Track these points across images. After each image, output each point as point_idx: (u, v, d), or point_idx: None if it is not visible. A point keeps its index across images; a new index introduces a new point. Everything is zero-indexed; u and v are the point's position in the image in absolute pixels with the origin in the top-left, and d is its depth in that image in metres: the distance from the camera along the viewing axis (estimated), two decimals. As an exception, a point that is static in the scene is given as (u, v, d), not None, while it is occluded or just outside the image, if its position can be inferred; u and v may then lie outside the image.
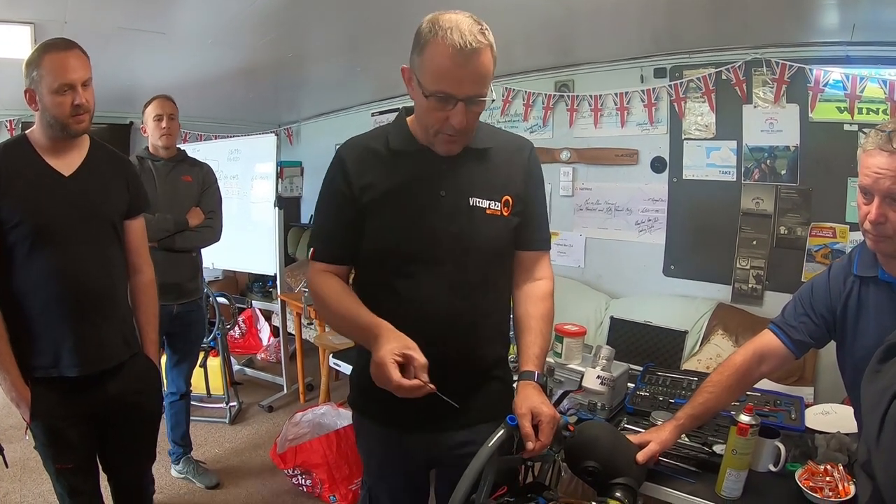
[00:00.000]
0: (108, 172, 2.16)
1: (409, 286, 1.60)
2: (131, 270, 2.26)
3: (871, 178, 1.45)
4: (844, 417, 2.16)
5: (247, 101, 6.13)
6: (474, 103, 1.47)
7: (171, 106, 3.22)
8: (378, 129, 1.73)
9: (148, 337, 2.29)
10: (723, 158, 3.90)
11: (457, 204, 1.60)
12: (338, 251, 1.69)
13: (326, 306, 1.66)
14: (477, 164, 1.64)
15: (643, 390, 2.43)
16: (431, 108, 1.47)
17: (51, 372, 2.01)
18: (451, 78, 1.41)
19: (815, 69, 3.46)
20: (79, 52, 1.96)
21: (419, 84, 1.47)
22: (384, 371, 1.38)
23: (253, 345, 6.10)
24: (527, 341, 1.66)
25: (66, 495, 2.15)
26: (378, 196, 1.60)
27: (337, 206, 1.65)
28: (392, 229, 1.61)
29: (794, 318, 1.79)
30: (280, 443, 3.59)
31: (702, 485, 1.82)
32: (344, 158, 1.65)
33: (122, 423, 2.20)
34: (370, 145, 1.66)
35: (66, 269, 1.99)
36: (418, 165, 1.61)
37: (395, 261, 1.61)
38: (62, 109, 1.93)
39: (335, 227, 1.68)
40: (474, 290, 1.64)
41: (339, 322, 1.70)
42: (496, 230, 1.65)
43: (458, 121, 1.46)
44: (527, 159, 1.72)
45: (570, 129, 4.50)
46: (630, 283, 4.37)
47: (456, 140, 1.55)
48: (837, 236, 3.51)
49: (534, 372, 1.59)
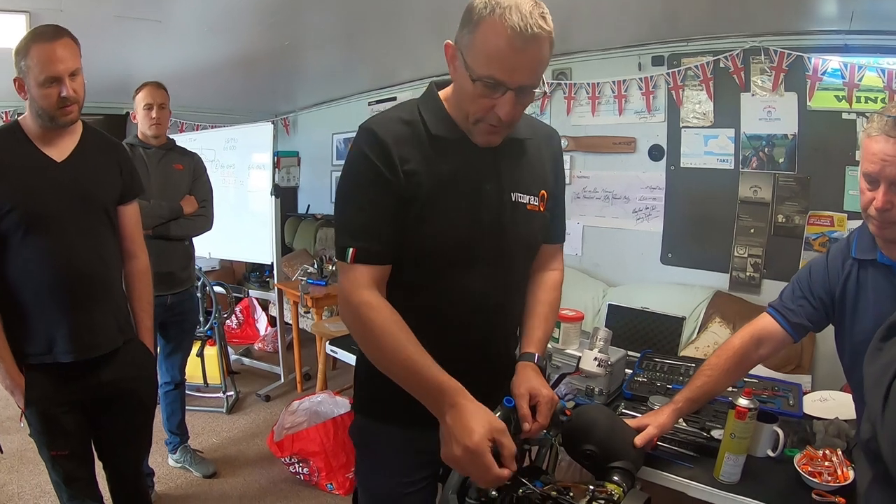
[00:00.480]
0: (100, 158, 2.14)
1: (450, 288, 1.47)
2: (126, 256, 2.25)
3: (876, 164, 1.42)
4: (842, 404, 2.16)
5: (243, 90, 6.11)
6: (524, 94, 1.33)
7: (162, 94, 3.17)
8: (407, 106, 1.51)
9: (143, 323, 2.29)
10: (721, 146, 3.89)
11: (501, 199, 1.48)
12: (384, 250, 1.43)
13: (380, 349, 1.39)
14: (517, 157, 1.53)
15: (641, 376, 2.43)
16: (477, 94, 1.32)
17: (45, 358, 2.01)
18: (505, 63, 1.26)
19: (813, 58, 3.46)
20: (67, 41, 1.93)
21: (466, 65, 1.31)
22: (481, 460, 1.20)
23: (250, 334, 6.09)
24: (531, 324, 1.61)
25: (61, 483, 2.14)
26: (422, 186, 1.41)
27: (378, 194, 1.40)
28: (437, 226, 1.43)
29: (793, 302, 1.78)
30: (277, 431, 3.59)
31: (700, 469, 1.82)
32: (381, 136, 1.40)
33: (116, 409, 2.20)
34: (408, 125, 1.44)
35: (60, 255, 1.98)
36: (461, 155, 1.45)
37: (437, 261, 1.46)
38: (49, 101, 1.92)
39: (378, 219, 1.41)
40: (515, 287, 1.60)
41: (396, 371, 1.38)
42: (536, 227, 1.58)
43: (506, 112, 1.33)
44: (556, 150, 1.65)
45: (568, 118, 4.48)
46: (627, 272, 4.37)
47: (498, 131, 1.41)
48: (835, 225, 3.51)
49: (534, 354, 1.53)
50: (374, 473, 1.63)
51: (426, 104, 1.49)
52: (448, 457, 1.25)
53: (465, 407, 1.25)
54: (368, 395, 1.62)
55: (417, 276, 1.47)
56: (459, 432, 1.22)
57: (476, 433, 1.20)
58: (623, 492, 1.29)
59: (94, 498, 2.22)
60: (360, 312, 1.39)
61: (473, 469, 1.22)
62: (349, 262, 1.41)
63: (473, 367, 1.40)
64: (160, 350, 3.27)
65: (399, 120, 1.45)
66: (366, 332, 1.40)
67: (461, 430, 1.22)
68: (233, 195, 5.11)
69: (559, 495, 1.19)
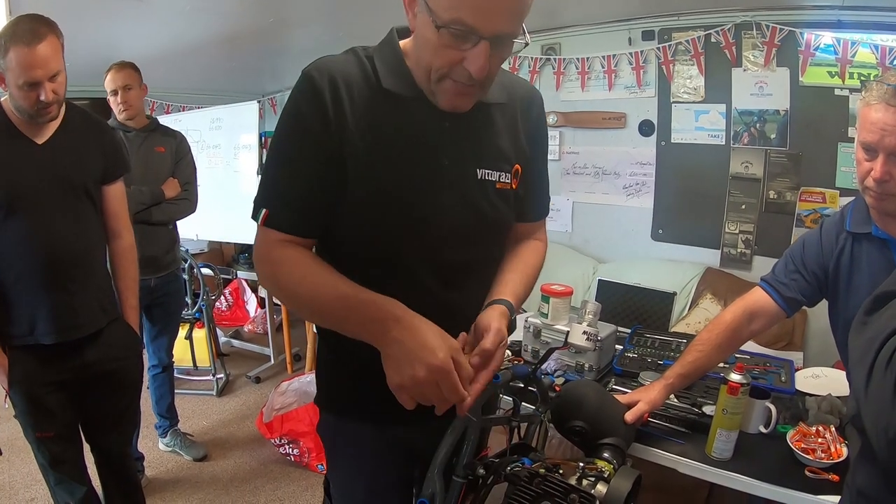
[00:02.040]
0: (83, 138, 2.12)
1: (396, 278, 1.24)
2: (110, 235, 2.24)
3: (875, 134, 1.40)
4: (835, 381, 2.16)
5: (229, 69, 6.02)
6: (502, 45, 1.10)
7: (126, 75, 3.05)
8: (359, 52, 1.26)
9: (127, 302, 2.29)
10: (712, 122, 3.86)
11: (463, 176, 1.27)
12: (305, 218, 1.23)
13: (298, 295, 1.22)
14: (485, 124, 1.30)
15: (631, 352, 2.42)
16: (443, 43, 1.08)
17: (27, 340, 2.02)
18: (478, 6, 1.03)
19: (806, 33, 3.43)
20: (49, 42, 1.87)
21: (428, 8, 1.07)
22: (449, 379, 1.05)
23: (240, 316, 6.06)
24: (508, 277, 1.38)
25: (48, 466, 2.15)
26: (362, 151, 1.18)
27: (304, 154, 1.19)
28: (379, 208, 1.22)
29: (786, 276, 1.76)
30: (266, 412, 3.57)
31: (691, 446, 1.81)
32: (318, 84, 1.17)
33: (102, 390, 2.21)
34: (355, 73, 1.21)
35: (39, 236, 1.97)
36: (416, 118, 1.22)
37: (379, 247, 1.25)
38: (28, 102, 1.90)
39: (303, 182, 1.20)
40: (477, 275, 1.37)
41: (322, 309, 1.20)
42: (506, 208, 1.36)
43: (478, 67, 1.08)
44: (537, 116, 1.42)
45: (557, 93, 4.43)
46: (618, 248, 4.35)
47: (468, 92, 1.17)
48: (827, 201, 3.50)
49: (508, 301, 1.30)
50: (350, 479, 1.47)
51: (382, 52, 1.25)
52: (406, 380, 1.06)
53: (413, 322, 1.08)
54: (335, 390, 1.43)
55: (358, 264, 1.24)
56: (420, 351, 1.05)
57: (440, 349, 1.05)
58: (613, 468, 1.27)
59: (81, 481, 2.23)
60: (270, 267, 1.23)
61: (437, 391, 1.05)
62: (260, 224, 1.22)
63: None
64: (146, 333, 3.25)
65: (345, 66, 1.21)
66: (281, 280, 1.23)
67: (421, 348, 1.05)
68: (220, 176, 5.05)
69: (548, 472, 1.17)
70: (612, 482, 1.16)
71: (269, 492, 3.27)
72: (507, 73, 1.36)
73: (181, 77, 5.79)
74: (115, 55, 3.22)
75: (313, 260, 1.22)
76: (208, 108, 5.48)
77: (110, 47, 4.54)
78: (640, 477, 1.19)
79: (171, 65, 4.93)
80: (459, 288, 1.32)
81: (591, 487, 1.16)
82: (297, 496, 3.23)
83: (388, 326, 1.08)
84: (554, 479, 1.15)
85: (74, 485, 2.20)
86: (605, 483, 1.17)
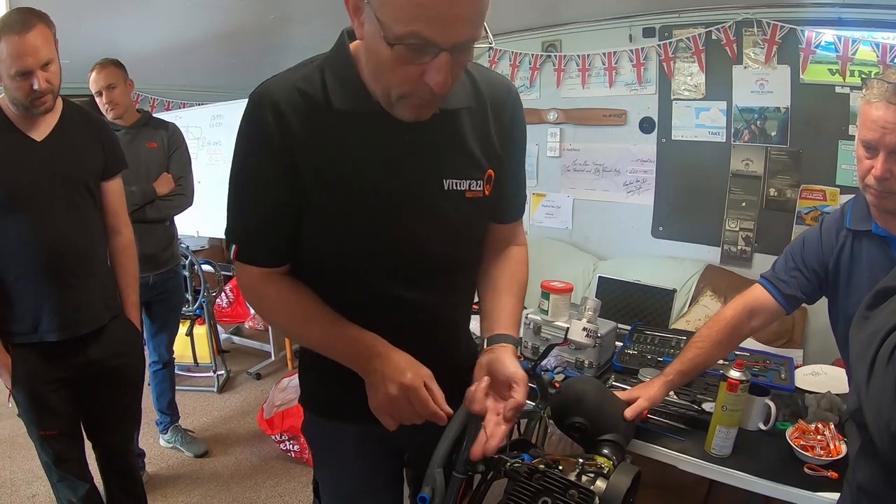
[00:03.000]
0: (82, 135, 2.12)
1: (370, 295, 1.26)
2: (110, 232, 2.24)
3: (876, 132, 1.39)
4: (834, 378, 2.16)
5: (229, 66, 6.01)
6: (462, 52, 1.02)
7: (109, 73, 2.99)
8: (308, 68, 1.18)
9: (128, 299, 2.29)
10: (712, 119, 3.85)
11: (427, 189, 1.21)
12: (273, 250, 1.23)
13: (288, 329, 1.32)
14: (450, 131, 1.22)
15: (631, 349, 2.42)
16: (398, 60, 1.00)
17: (31, 337, 2.02)
18: (435, 16, 0.93)
19: (806, 30, 3.41)
20: (39, 30, 1.85)
21: (378, 22, 0.97)
22: (417, 395, 1.12)
23: (241, 313, 6.04)
24: (506, 302, 1.36)
25: (51, 464, 2.15)
26: (321, 176, 1.15)
27: (263, 184, 1.17)
28: (346, 232, 1.20)
29: (785, 273, 1.76)
30: (267, 408, 3.57)
31: (691, 443, 1.82)
32: (266, 115, 1.12)
33: (104, 387, 2.21)
34: (304, 95, 1.14)
35: (42, 233, 1.97)
36: (373, 135, 1.16)
37: (350, 267, 1.24)
38: (22, 93, 1.89)
39: (264, 215, 1.20)
40: (456, 281, 1.37)
41: (311, 344, 1.29)
42: (478, 217, 1.32)
43: (440, 80, 1.01)
44: (512, 113, 1.32)
45: (558, 90, 4.42)
46: (618, 245, 4.35)
47: (430, 104, 1.11)
48: (827, 199, 3.50)
49: (513, 337, 1.31)
50: (337, 479, 1.48)
51: (332, 65, 1.17)
52: (381, 400, 1.15)
53: (390, 354, 1.17)
54: (317, 390, 1.43)
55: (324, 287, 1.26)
56: (391, 372, 1.14)
57: (409, 370, 1.14)
58: (613, 465, 1.28)
59: (83, 478, 2.23)
60: (257, 303, 1.29)
61: (409, 407, 1.14)
62: (233, 259, 1.24)
63: None
64: (146, 330, 3.24)
65: (294, 88, 1.14)
66: (270, 316, 1.35)
67: (392, 370, 1.14)
68: (221, 173, 4.99)
69: (548, 468, 1.17)
70: (612, 478, 1.17)
71: (269, 488, 3.27)
72: (477, 70, 1.29)
73: (182, 73, 5.79)
74: (115, 52, 3.21)
75: (295, 294, 1.25)
76: (209, 104, 5.47)
77: (110, 44, 4.53)
78: (639, 473, 1.20)
79: (171, 61, 4.93)
80: (438, 294, 1.32)
81: (591, 483, 1.16)
82: (298, 492, 3.23)
83: (370, 361, 1.17)
84: (553, 475, 1.15)
85: (77, 482, 2.20)
86: (604, 479, 1.17)
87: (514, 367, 1.21)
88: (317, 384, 1.43)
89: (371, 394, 1.18)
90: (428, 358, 1.22)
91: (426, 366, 1.20)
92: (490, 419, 1.18)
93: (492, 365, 1.23)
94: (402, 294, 1.27)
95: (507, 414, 1.18)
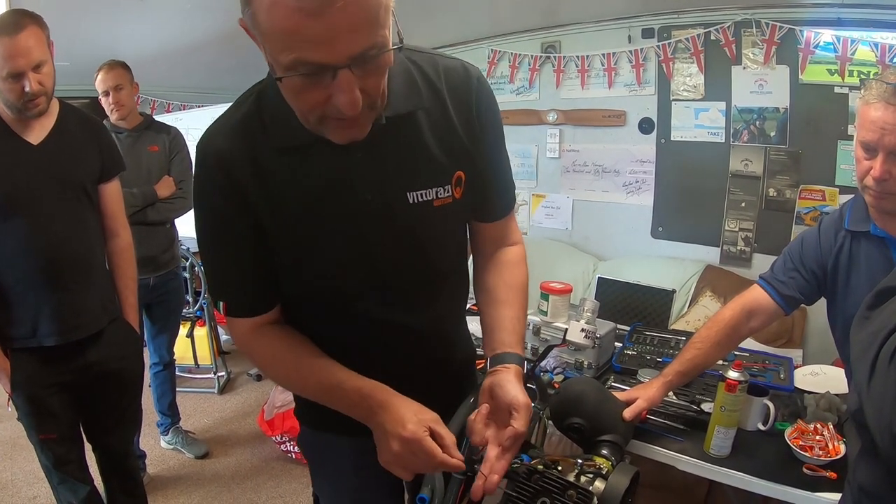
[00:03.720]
0: (79, 137, 2.11)
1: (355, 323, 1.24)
2: (108, 235, 2.24)
3: (874, 133, 1.40)
4: (833, 378, 2.17)
5: (230, 68, 5.97)
6: (366, 62, 0.90)
7: (116, 75, 2.99)
8: (246, 105, 1.13)
9: (127, 301, 2.28)
10: (711, 119, 3.85)
11: (392, 207, 1.15)
12: (260, 299, 1.22)
13: (289, 383, 1.31)
14: (405, 139, 1.14)
15: (630, 349, 2.42)
16: (298, 89, 0.94)
17: (29, 342, 2.01)
18: (311, 38, 0.84)
19: (805, 31, 3.41)
20: (31, 31, 1.84)
21: (267, 55, 0.93)
22: (422, 447, 1.05)
23: (241, 314, 6.06)
24: (506, 315, 1.30)
25: (51, 467, 2.15)
26: (277, 216, 1.13)
27: (229, 237, 1.17)
28: (314, 268, 1.19)
29: (784, 274, 1.77)
30: (267, 409, 3.58)
31: (690, 443, 1.82)
32: (213, 164, 1.11)
33: (103, 390, 2.21)
34: (244, 137, 1.10)
35: (38, 238, 1.96)
36: (322, 164, 1.11)
37: (329, 299, 1.23)
38: (14, 95, 1.87)
39: (242, 268, 1.19)
40: (442, 292, 1.33)
41: (314, 395, 1.24)
42: (452, 222, 1.27)
43: (346, 100, 0.91)
44: (477, 101, 1.22)
45: (557, 91, 4.42)
46: (618, 245, 4.35)
47: (356, 123, 1.01)
48: (827, 199, 3.50)
49: (517, 355, 1.26)
50: (336, 493, 1.48)
51: (267, 99, 1.11)
52: (387, 457, 1.10)
53: (392, 403, 1.11)
54: (311, 404, 1.33)
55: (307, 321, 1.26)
56: (392, 426, 1.08)
57: (409, 421, 1.07)
58: (612, 465, 1.28)
59: (84, 480, 2.23)
60: (253, 359, 1.29)
61: (416, 459, 1.07)
62: (224, 314, 1.24)
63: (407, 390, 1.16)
64: (147, 331, 3.25)
65: (231, 135, 1.11)
66: (267, 372, 1.34)
67: (393, 423, 1.08)
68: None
69: (546, 469, 1.17)
70: (610, 479, 1.17)
71: (270, 489, 3.28)
72: (428, 61, 1.19)
73: (182, 75, 5.78)
74: (115, 54, 3.21)
75: (288, 348, 1.23)
76: (210, 106, 5.47)
77: (111, 46, 4.53)
78: (637, 473, 1.20)
79: (172, 63, 4.92)
80: (427, 311, 1.30)
81: (590, 484, 1.16)
82: (299, 493, 3.24)
83: (372, 411, 1.12)
84: (552, 475, 1.16)
85: (77, 484, 2.20)
86: (603, 480, 1.18)
87: (515, 392, 1.17)
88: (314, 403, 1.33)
89: (379, 449, 1.13)
90: (423, 371, 1.23)
91: (422, 378, 1.19)
92: (491, 452, 1.13)
93: (493, 390, 1.19)
94: (385, 316, 1.24)
95: (506, 443, 1.14)
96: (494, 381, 1.20)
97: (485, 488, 1.10)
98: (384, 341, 1.26)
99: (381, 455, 1.12)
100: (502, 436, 1.15)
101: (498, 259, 1.38)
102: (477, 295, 1.40)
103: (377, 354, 1.23)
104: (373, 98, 0.98)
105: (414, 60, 1.17)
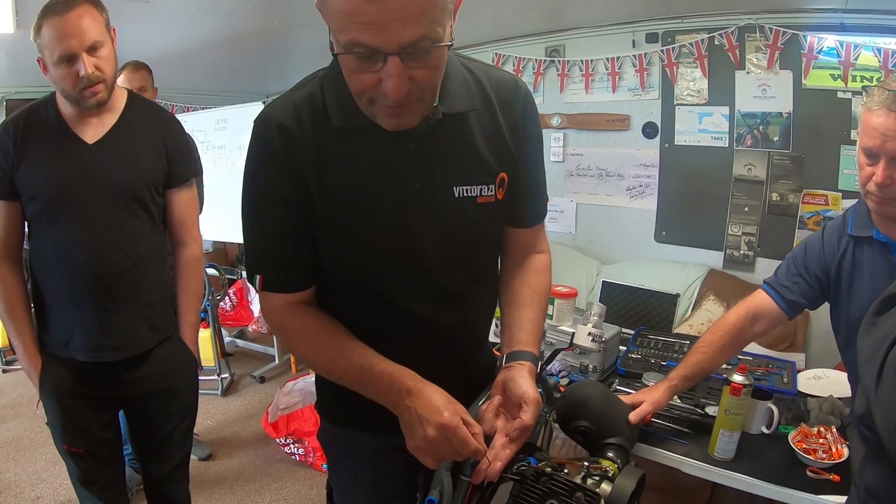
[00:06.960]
0: (142, 137, 1.91)
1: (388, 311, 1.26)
2: (174, 244, 2.06)
3: (876, 139, 1.41)
4: (836, 382, 2.17)
5: (233, 70, 6.03)
6: (418, 55, 0.96)
7: (140, 76, 3.00)
8: (309, 86, 1.18)
9: (185, 318, 2.07)
10: (715, 124, 3.87)
11: (437, 198, 1.19)
12: (298, 274, 1.24)
13: (317, 364, 1.29)
14: (456, 136, 1.20)
15: (635, 353, 2.43)
16: (352, 69, 1.00)
17: (62, 352, 1.87)
18: (366, 21, 0.91)
19: (809, 36, 3.44)
20: (84, 9, 1.67)
21: (332, 34, 0.99)
22: (457, 434, 1.07)
23: (244, 316, 6.05)
24: (525, 316, 1.34)
25: (77, 483, 2.00)
26: (329, 193, 1.16)
27: (277, 209, 1.19)
28: (354, 246, 1.20)
29: (788, 279, 1.78)
30: (272, 412, 3.59)
31: (694, 446, 1.83)
32: (273, 136, 1.14)
33: (146, 411, 2.05)
34: (306, 113, 1.15)
35: (80, 247, 1.80)
36: (376, 149, 1.15)
37: (366, 284, 1.25)
38: (67, 82, 1.70)
39: (287, 242, 1.21)
40: (474, 293, 1.36)
41: (340, 378, 1.24)
42: (492, 221, 1.31)
43: (393, 86, 0.97)
44: (522, 112, 1.28)
45: (561, 95, 4.45)
46: (621, 249, 4.36)
47: (402, 111, 1.05)
48: (830, 204, 3.52)
49: (533, 353, 1.29)
50: (351, 487, 1.49)
51: (330, 80, 1.16)
52: (419, 442, 1.11)
53: (423, 390, 1.13)
54: (333, 398, 1.41)
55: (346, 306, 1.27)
56: (427, 412, 1.10)
57: (446, 409, 1.09)
58: (618, 468, 1.29)
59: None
60: (284, 336, 1.32)
61: (450, 447, 1.09)
62: (258, 289, 1.26)
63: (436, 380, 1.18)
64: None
65: (296, 108, 1.15)
66: (297, 350, 1.35)
67: (428, 410, 1.10)
68: (224, 177, 5.04)
69: (553, 471, 1.18)
70: (617, 481, 1.18)
71: (273, 491, 3.28)
72: (482, 69, 1.26)
73: (186, 77, 5.80)
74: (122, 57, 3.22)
75: (322, 327, 1.25)
76: (213, 108, 5.49)
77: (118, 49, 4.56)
78: (643, 476, 1.21)
79: (175, 65, 4.93)
80: (458, 309, 1.32)
81: (596, 486, 1.17)
82: (302, 495, 3.25)
83: (401, 397, 1.14)
84: (559, 477, 1.16)
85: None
86: (609, 482, 1.18)
87: (527, 387, 1.20)
88: (332, 392, 1.39)
89: (407, 434, 1.14)
90: (445, 370, 1.22)
91: (443, 378, 1.20)
92: (497, 441, 1.17)
93: (506, 383, 1.22)
94: (417, 307, 1.27)
95: (513, 434, 1.17)
96: (508, 375, 1.23)
97: (487, 474, 1.13)
98: (411, 334, 1.28)
99: (409, 440, 1.14)
100: (510, 427, 1.18)
101: (525, 265, 1.41)
102: (500, 295, 1.43)
103: (401, 346, 1.23)
104: (422, 90, 1.03)
105: (470, 69, 1.24)
